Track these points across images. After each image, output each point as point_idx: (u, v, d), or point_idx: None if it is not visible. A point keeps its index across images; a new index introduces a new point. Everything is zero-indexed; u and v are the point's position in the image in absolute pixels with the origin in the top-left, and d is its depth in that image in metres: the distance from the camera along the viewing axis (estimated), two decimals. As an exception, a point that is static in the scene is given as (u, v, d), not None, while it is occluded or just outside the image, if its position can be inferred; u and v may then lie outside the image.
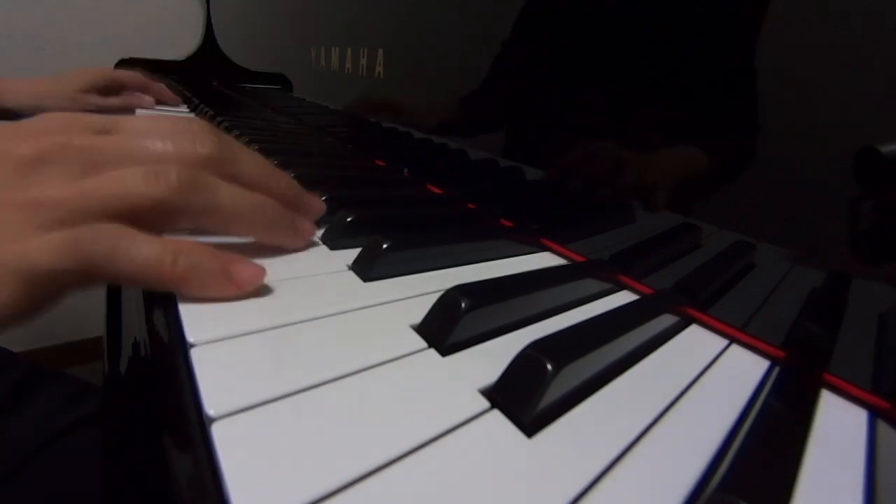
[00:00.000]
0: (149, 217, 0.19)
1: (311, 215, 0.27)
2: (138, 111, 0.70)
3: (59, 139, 0.19)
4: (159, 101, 0.77)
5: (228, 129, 0.56)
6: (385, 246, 0.24)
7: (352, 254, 0.25)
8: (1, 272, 0.16)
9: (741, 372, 0.21)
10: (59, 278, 0.17)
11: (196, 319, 0.17)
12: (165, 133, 0.21)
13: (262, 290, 0.20)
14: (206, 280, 0.18)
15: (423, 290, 0.23)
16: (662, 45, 0.25)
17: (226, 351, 0.16)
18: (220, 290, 0.19)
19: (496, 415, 0.15)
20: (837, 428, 0.18)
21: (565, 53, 0.31)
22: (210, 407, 0.13)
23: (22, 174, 0.18)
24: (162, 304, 0.19)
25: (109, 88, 0.69)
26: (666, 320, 0.23)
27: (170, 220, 0.20)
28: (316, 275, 0.23)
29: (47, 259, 0.16)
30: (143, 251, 0.17)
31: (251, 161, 0.23)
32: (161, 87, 0.77)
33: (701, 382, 0.19)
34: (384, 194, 0.38)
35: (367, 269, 0.23)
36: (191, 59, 1.16)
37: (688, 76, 0.24)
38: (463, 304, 0.18)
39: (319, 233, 0.28)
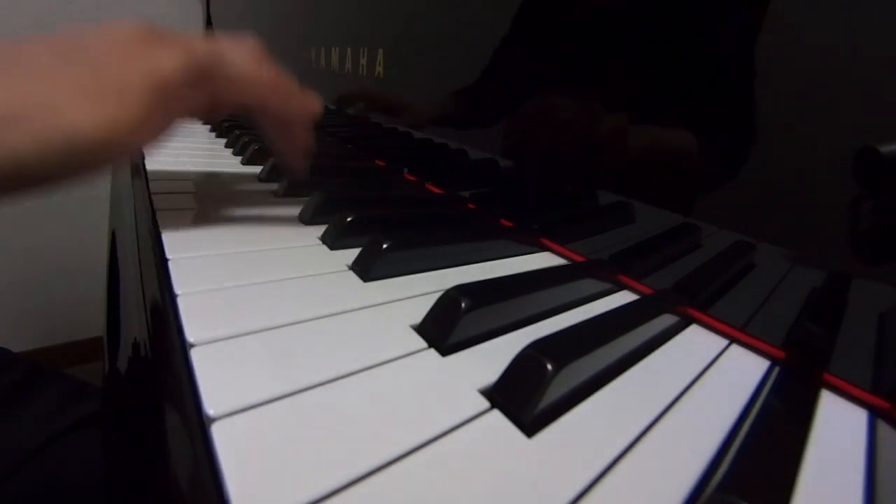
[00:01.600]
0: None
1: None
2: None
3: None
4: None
5: (229, 129, 0.56)
6: (385, 246, 0.24)
7: (352, 254, 0.25)
8: (127, 84, 0.19)
9: (741, 372, 0.21)
10: (180, 88, 0.21)
11: (196, 319, 0.17)
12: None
13: (263, 290, 0.20)
14: (289, 97, 0.26)
15: (423, 290, 0.23)
16: (663, 45, 0.25)
17: (226, 351, 0.16)
18: (293, 115, 0.26)
19: (496, 415, 0.15)
20: (837, 428, 0.18)
21: (565, 52, 0.31)
22: (210, 407, 0.13)
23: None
24: (162, 304, 0.19)
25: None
26: (666, 320, 0.23)
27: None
28: (316, 275, 0.23)
29: (171, 66, 0.21)
30: (245, 60, 0.24)
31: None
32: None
33: (701, 382, 0.19)
34: (384, 194, 0.38)
35: (367, 269, 0.23)
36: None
37: (689, 77, 0.24)
38: (463, 304, 0.18)
39: (319, 233, 0.28)
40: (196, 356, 0.15)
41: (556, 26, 0.31)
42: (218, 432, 0.12)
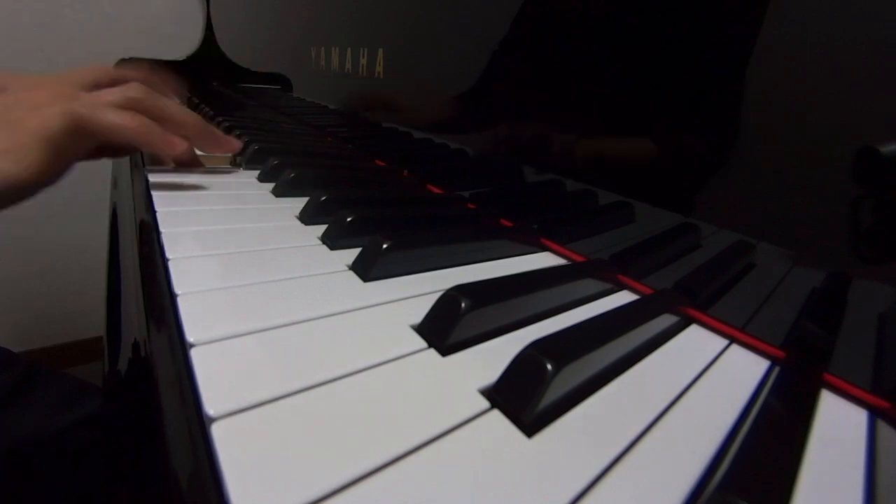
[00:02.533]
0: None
1: (219, 143, 0.40)
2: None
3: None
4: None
5: (228, 129, 0.56)
6: (385, 246, 0.24)
7: (352, 254, 0.25)
8: (28, 140, 0.27)
9: (741, 372, 0.21)
10: (64, 140, 0.28)
11: (196, 319, 0.17)
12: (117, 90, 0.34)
13: (263, 290, 0.21)
14: (153, 139, 0.33)
15: (423, 290, 0.23)
16: (663, 46, 0.25)
17: (226, 351, 0.16)
18: (161, 147, 0.33)
19: (496, 415, 0.15)
20: (837, 428, 0.18)
21: (564, 52, 0.31)
22: (210, 407, 0.13)
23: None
24: (162, 304, 0.19)
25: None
26: (666, 320, 0.23)
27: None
28: (316, 275, 0.23)
29: (57, 122, 0.28)
30: (114, 113, 0.31)
31: (170, 106, 0.36)
32: (163, 84, 0.76)
33: (701, 382, 0.19)
34: (384, 194, 0.38)
35: (367, 269, 0.23)
36: (191, 59, 1.16)
37: (690, 77, 0.24)
38: (463, 304, 0.18)
39: (319, 233, 0.28)
40: (196, 356, 0.15)
41: (554, 25, 0.31)
42: (218, 432, 0.12)
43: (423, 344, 0.18)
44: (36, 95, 0.30)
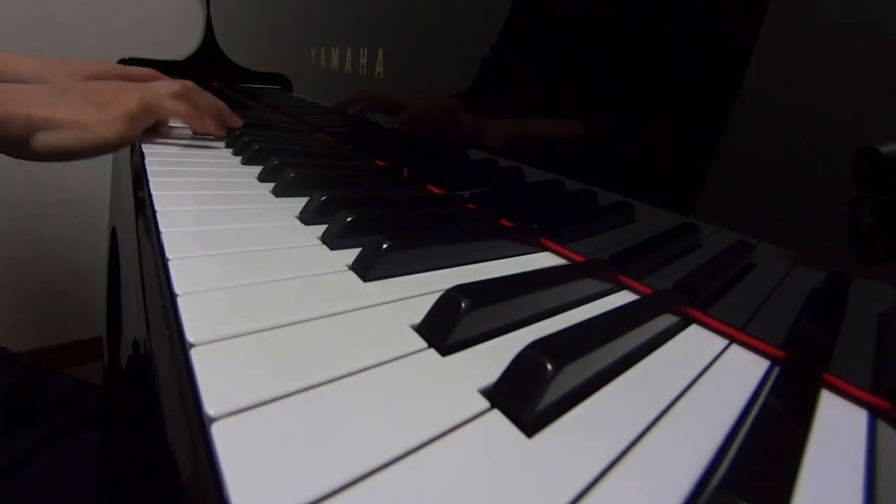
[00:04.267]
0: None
1: (230, 121, 0.59)
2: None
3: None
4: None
5: (229, 130, 0.56)
6: (385, 246, 0.24)
7: (352, 254, 0.25)
8: (118, 115, 0.43)
9: (741, 372, 0.21)
10: (140, 117, 0.46)
11: (196, 319, 0.17)
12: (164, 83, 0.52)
13: (263, 290, 0.20)
14: (194, 121, 0.52)
15: (423, 290, 0.23)
16: (664, 45, 0.25)
17: (226, 351, 0.16)
18: (199, 128, 0.53)
19: (496, 415, 0.15)
20: (837, 428, 0.18)
21: (565, 51, 0.31)
22: (210, 407, 0.13)
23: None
24: (162, 304, 0.19)
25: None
26: (666, 320, 0.23)
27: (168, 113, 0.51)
28: (316, 275, 0.23)
29: (135, 106, 0.45)
30: (172, 101, 0.49)
31: (204, 96, 0.55)
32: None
33: (701, 382, 0.19)
34: (384, 194, 0.38)
35: (367, 269, 0.23)
36: (191, 59, 1.16)
37: (690, 76, 0.24)
38: (463, 304, 0.18)
39: (319, 233, 0.28)
40: (196, 356, 0.15)
41: (553, 25, 0.31)
42: (218, 432, 0.12)
43: (423, 344, 0.18)
44: (111, 86, 0.46)
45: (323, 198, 0.31)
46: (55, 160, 0.42)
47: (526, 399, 0.15)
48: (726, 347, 0.23)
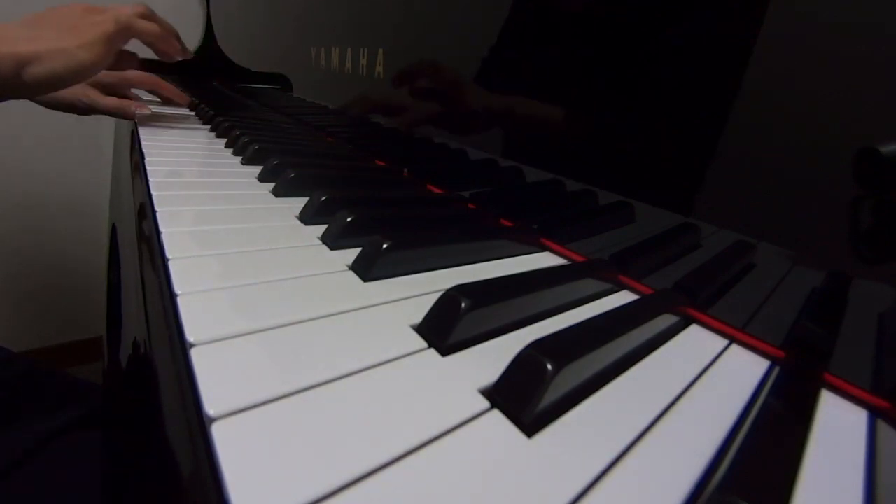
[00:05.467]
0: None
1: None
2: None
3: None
4: (169, 102, 0.77)
5: (228, 129, 0.56)
6: (385, 246, 0.24)
7: (352, 254, 0.25)
8: (97, 38, 0.46)
9: (741, 372, 0.21)
10: (117, 39, 0.48)
11: (196, 319, 0.17)
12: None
13: (263, 290, 0.20)
14: (165, 43, 0.56)
15: (423, 290, 0.23)
16: (665, 44, 0.25)
17: (226, 351, 0.16)
18: (167, 49, 0.57)
19: (496, 415, 0.15)
20: (837, 428, 0.18)
21: (566, 50, 0.31)
22: (210, 407, 0.13)
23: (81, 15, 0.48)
24: (162, 303, 0.19)
25: (115, 87, 0.69)
26: (666, 320, 0.23)
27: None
28: (316, 275, 0.23)
29: (112, 27, 0.47)
30: (143, 24, 0.52)
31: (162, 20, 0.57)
32: (172, 89, 0.77)
33: (701, 382, 0.19)
34: (384, 194, 0.38)
35: (367, 269, 0.23)
36: (191, 59, 1.15)
37: (691, 76, 0.24)
38: (463, 304, 0.18)
39: (319, 233, 0.28)
40: (196, 356, 0.15)
41: (552, 26, 0.31)
42: (218, 432, 0.12)
43: (423, 344, 0.18)
44: (74, 8, 0.48)
45: (323, 198, 0.31)
46: (42, 92, 0.43)
47: (526, 399, 0.15)
48: (726, 347, 0.23)
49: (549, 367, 0.15)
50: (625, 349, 0.19)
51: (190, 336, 0.16)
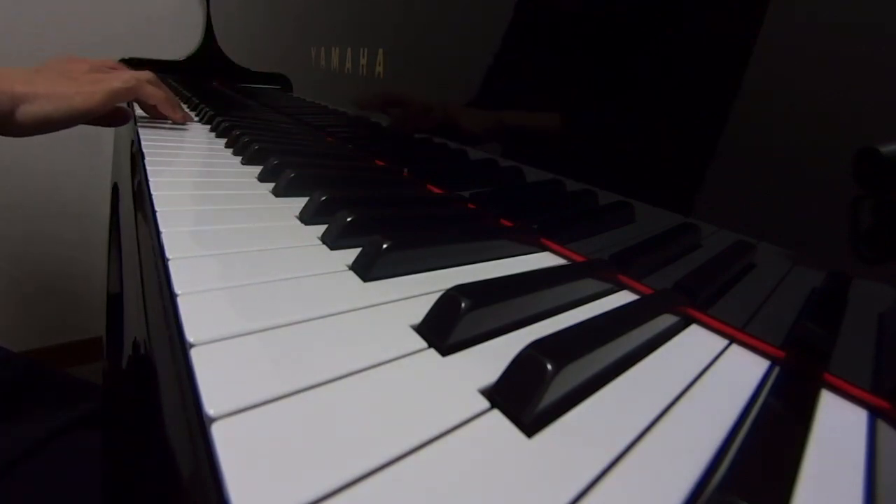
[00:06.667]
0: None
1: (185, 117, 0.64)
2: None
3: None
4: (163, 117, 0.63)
5: (228, 129, 0.56)
6: (385, 246, 0.24)
7: (352, 254, 0.25)
8: (98, 90, 0.48)
9: (741, 372, 0.21)
10: (120, 96, 0.51)
11: (196, 319, 0.17)
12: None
13: (263, 290, 0.20)
14: (168, 109, 0.59)
15: (423, 290, 0.23)
16: (665, 44, 0.25)
17: (226, 351, 0.16)
18: (171, 114, 0.60)
19: (496, 415, 0.15)
20: (837, 428, 0.18)
21: (566, 50, 0.31)
22: (210, 407, 0.13)
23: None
24: (162, 304, 0.19)
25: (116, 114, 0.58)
26: (666, 320, 0.23)
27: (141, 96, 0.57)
28: (316, 275, 0.23)
29: (120, 84, 0.51)
30: (150, 88, 0.57)
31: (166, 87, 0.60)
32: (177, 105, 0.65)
33: (701, 382, 0.19)
34: (384, 194, 0.38)
35: (367, 269, 0.23)
36: (191, 59, 1.16)
37: (691, 76, 0.24)
38: (463, 304, 0.18)
39: (319, 233, 0.28)
40: (196, 356, 0.15)
41: (552, 26, 0.31)
42: (218, 432, 0.12)
43: (423, 344, 0.18)
44: (82, 63, 0.54)
45: (323, 198, 0.31)
46: (32, 132, 0.45)
47: (526, 399, 0.15)
48: (726, 347, 0.23)
49: (549, 367, 0.15)
50: (625, 349, 0.19)
51: (190, 336, 0.16)
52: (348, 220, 0.27)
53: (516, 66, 0.35)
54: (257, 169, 0.42)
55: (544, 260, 0.31)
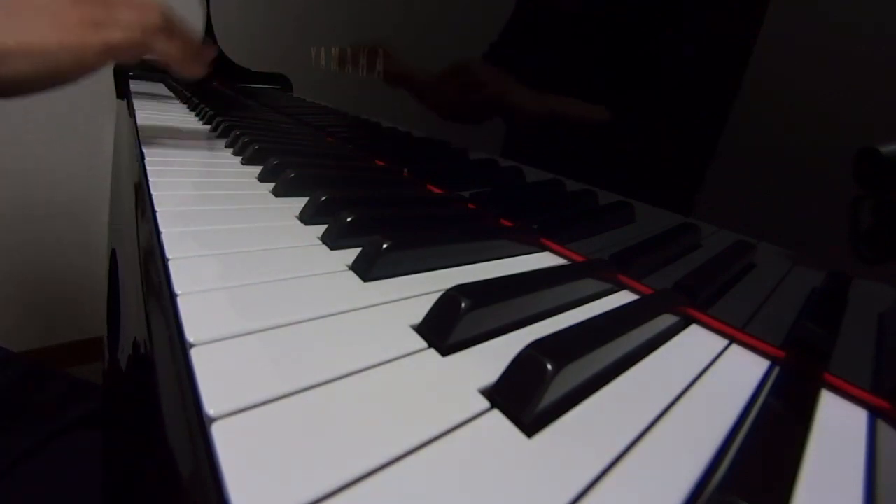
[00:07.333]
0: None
1: (207, 54, 0.54)
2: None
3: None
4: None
5: (228, 129, 0.56)
6: (385, 246, 0.24)
7: (352, 254, 0.25)
8: (92, 43, 0.36)
9: (741, 372, 0.21)
10: (118, 51, 0.39)
11: (196, 319, 0.17)
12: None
13: (263, 290, 0.20)
14: (184, 66, 0.47)
15: (423, 290, 0.23)
16: (665, 43, 0.25)
17: (226, 351, 0.16)
18: (192, 72, 0.48)
19: (496, 415, 0.15)
20: (837, 428, 0.18)
21: (566, 50, 0.31)
22: (210, 407, 0.13)
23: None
24: (162, 304, 0.19)
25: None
26: (666, 320, 0.23)
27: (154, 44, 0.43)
28: (316, 275, 0.23)
29: (119, 37, 0.38)
30: (162, 45, 0.43)
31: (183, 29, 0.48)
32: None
33: (701, 382, 0.19)
34: (384, 194, 0.38)
35: (367, 269, 0.23)
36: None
37: (691, 76, 0.24)
38: (463, 304, 0.18)
39: (319, 232, 0.28)
40: (196, 356, 0.15)
41: (552, 26, 0.31)
42: (218, 432, 0.12)
43: (423, 344, 0.18)
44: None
45: (323, 198, 0.31)
46: (11, 96, 0.35)
47: (526, 399, 0.15)
48: (726, 347, 0.23)
49: (549, 367, 0.15)
50: (625, 349, 0.19)
51: (190, 336, 0.16)
52: (348, 220, 0.27)
53: (516, 66, 0.35)
54: (257, 169, 0.42)
55: (544, 260, 0.31)
